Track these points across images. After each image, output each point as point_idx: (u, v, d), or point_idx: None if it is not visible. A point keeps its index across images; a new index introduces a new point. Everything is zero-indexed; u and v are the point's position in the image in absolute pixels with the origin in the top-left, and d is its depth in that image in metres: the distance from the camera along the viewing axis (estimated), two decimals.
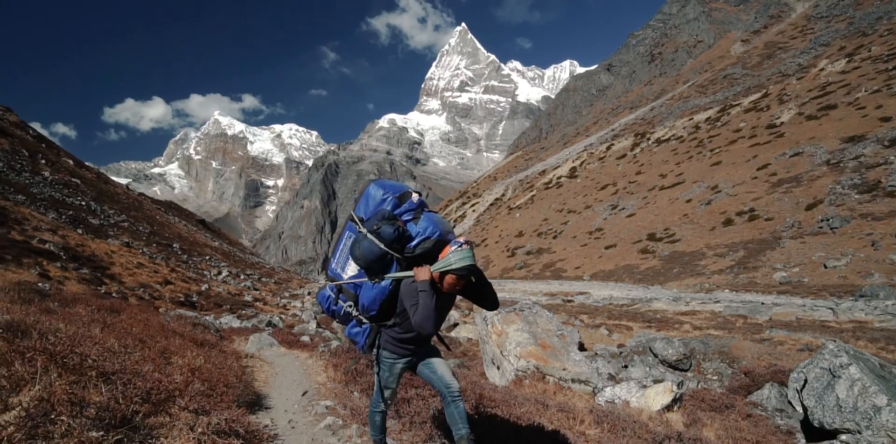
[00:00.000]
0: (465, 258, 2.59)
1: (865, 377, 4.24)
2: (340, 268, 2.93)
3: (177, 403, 2.86)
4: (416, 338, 2.85)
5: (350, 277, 2.88)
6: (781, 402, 5.87)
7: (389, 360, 2.90)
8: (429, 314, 2.56)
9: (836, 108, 47.43)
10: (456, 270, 2.60)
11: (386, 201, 2.80)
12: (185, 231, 43.46)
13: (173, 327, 6.33)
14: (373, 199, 2.83)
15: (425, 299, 2.58)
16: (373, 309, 2.78)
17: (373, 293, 2.74)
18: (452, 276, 2.63)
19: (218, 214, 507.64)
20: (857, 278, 23.96)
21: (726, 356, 8.36)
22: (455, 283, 2.65)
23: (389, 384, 2.98)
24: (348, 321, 2.97)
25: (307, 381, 5.27)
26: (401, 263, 2.73)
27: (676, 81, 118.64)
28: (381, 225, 2.64)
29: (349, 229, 2.88)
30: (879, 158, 34.34)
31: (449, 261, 2.61)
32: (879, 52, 56.59)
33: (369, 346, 2.91)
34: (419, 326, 2.57)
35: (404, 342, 2.85)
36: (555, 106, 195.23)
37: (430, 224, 2.74)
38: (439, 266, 2.64)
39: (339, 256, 2.95)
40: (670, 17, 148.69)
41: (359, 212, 2.87)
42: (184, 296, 16.84)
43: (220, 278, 26.66)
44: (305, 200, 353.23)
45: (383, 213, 2.72)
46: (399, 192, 2.82)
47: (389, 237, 2.63)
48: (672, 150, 64.28)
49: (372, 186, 2.89)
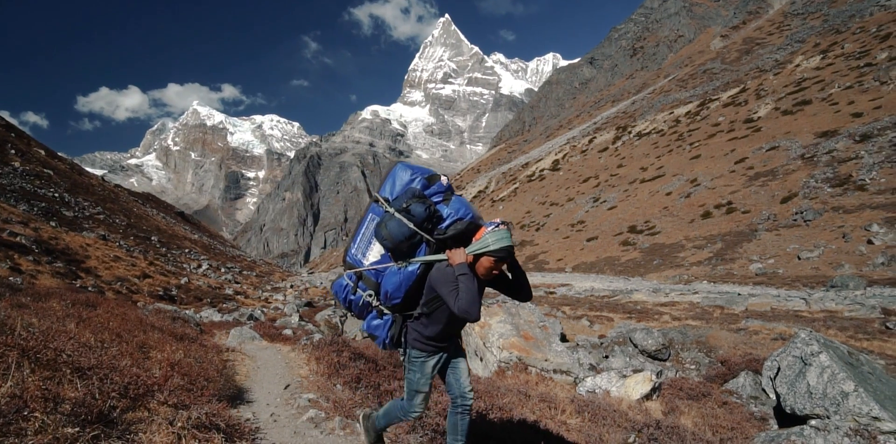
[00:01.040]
0: (502, 239, 2.44)
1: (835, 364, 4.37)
2: (361, 253, 2.70)
3: (156, 397, 2.82)
4: (444, 332, 2.65)
5: (372, 263, 2.66)
6: (756, 390, 6.04)
7: (420, 359, 2.68)
8: (473, 298, 2.36)
9: (811, 103, 48.47)
10: (494, 251, 2.43)
11: (415, 181, 2.64)
12: (164, 224, 42.64)
13: (152, 321, 6.22)
14: (400, 179, 2.66)
15: (467, 282, 2.39)
16: (397, 297, 2.58)
17: (398, 279, 2.54)
18: (490, 258, 2.45)
19: (197, 206, 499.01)
20: (829, 268, 24.68)
21: (704, 346, 8.55)
22: (492, 266, 2.48)
23: (422, 387, 2.71)
24: (367, 313, 2.77)
25: (289, 374, 5.25)
26: (430, 245, 2.56)
27: (657, 74, 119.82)
28: (412, 203, 2.48)
29: (373, 211, 2.68)
30: (851, 152, 35.27)
31: (486, 242, 2.45)
32: (852, 50, 57.88)
33: (391, 339, 2.70)
34: (464, 311, 2.34)
35: (432, 339, 2.65)
36: (538, 99, 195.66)
37: (462, 206, 2.60)
38: (475, 248, 2.47)
39: (360, 240, 2.73)
40: (652, 12, 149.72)
41: (384, 192, 2.69)
42: (163, 290, 16.57)
43: (201, 271, 26.27)
44: (287, 193, 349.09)
45: (413, 191, 2.56)
46: (428, 173, 2.67)
47: (420, 216, 2.46)
48: (653, 143, 65.07)
49: (399, 167, 2.72)
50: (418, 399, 2.72)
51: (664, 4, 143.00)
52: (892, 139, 33.78)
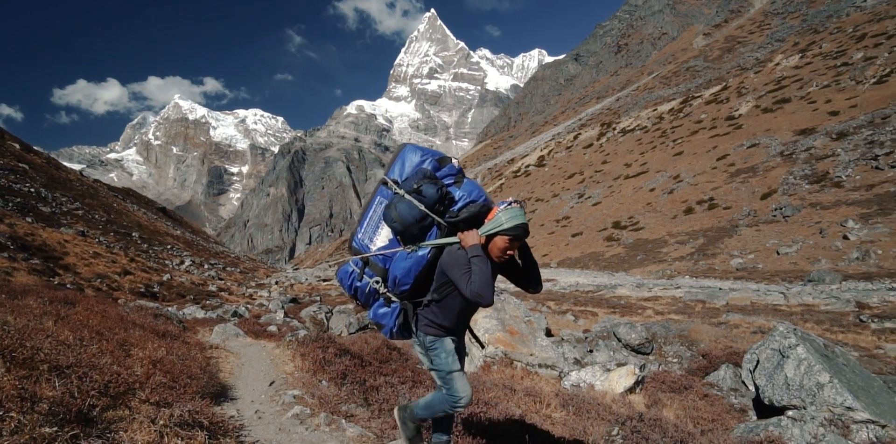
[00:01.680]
0: (516, 216, 2.35)
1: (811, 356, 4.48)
2: (368, 238, 2.60)
3: (137, 395, 2.77)
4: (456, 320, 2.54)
5: (379, 248, 2.56)
6: (736, 382, 6.16)
7: (437, 341, 2.54)
8: (487, 281, 2.27)
9: (790, 101, 49.36)
10: (508, 230, 2.34)
11: (425, 163, 2.55)
12: (145, 219, 41.90)
13: (133, 318, 6.12)
14: (410, 160, 2.56)
15: (480, 264, 2.29)
16: (406, 283, 2.47)
17: (407, 264, 2.44)
18: (504, 238, 2.36)
19: (180, 201, 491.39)
20: (807, 263, 25.24)
21: (686, 340, 8.70)
22: (507, 246, 2.37)
23: (453, 366, 2.52)
24: (373, 301, 2.65)
25: (274, 371, 5.21)
26: (441, 229, 2.46)
27: (641, 72, 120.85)
28: (423, 184, 2.38)
29: (381, 194, 2.58)
30: (828, 150, 36.04)
31: (499, 221, 2.36)
32: (829, 49, 59.03)
33: (399, 328, 2.60)
34: (477, 295, 2.24)
35: (444, 324, 2.53)
36: (523, 95, 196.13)
37: (474, 188, 2.51)
38: (488, 228, 2.38)
39: (366, 224, 2.62)
40: (636, 9, 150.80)
41: (392, 174, 2.58)
42: (144, 286, 16.30)
43: (183, 267, 25.90)
44: (271, 188, 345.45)
45: (425, 172, 2.46)
46: (438, 155, 2.58)
47: (432, 197, 2.37)
48: (637, 140, 65.71)
49: (408, 148, 2.62)
50: (458, 382, 2.51)
51: (648, 2, 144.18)
52: (867, 137, 34.59)
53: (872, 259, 23.23)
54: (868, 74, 45.62)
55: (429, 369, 2.61)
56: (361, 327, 10.04)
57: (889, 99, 38.76)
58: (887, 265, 22.37)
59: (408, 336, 2.64)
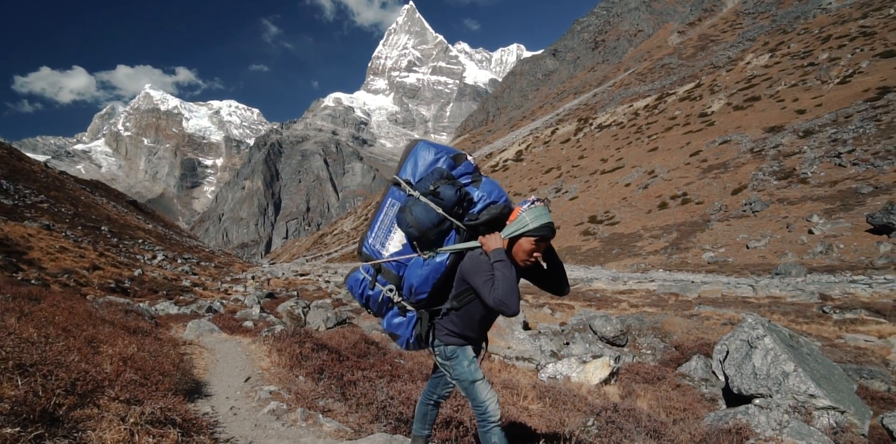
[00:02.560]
0: (541, 216, 2.20)
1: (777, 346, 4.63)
2: (380, 244, 2.43)
3: (106, 393, 2.70)
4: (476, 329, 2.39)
5: (392, 253, 2.39)
6: (707, 372, 6.34)
7: (458, 349, 2.39)
8: (512, 288, 2.11)
9: (760, 99, 50.67)
10: (534, 230, 2.18)
11: (440, 161, 2.37)
12: (115, 213, 40.70)
13: (102, 314, 5.95)
14: (423, 159, 2.39)
15: (504, 270, 2.13)
16: (423, 291, 2.31)
17: (425, 271, 2.27)
18: (530, 239, 2.20)
19: (151, 194, 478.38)
20: (774, 257, 26.06)
21: (659, 332, 8.89)
22: (533, 248, 2.21)
23: (476, 374, 2.36)
24: (386, 310, 2.47)
25: (250, 367, 5.14)
26: (460, 232, 2.30)
27: (618, 68, 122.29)
28: (440, 185, 2.21)
29: (392, 196, 2.40)
30: (795, 147, 37.17)
31: (523, 221, 2.20)
32: (797, 49, 60.72)
33: (416, 339, 2.44)
34: (500, 302, 2.08)
35: (464, 333, 2.38)
36: (502, 89, 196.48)
37: (494, 188, 2.34)
38: (512, 229, 2.22)
39: (377, 229, 2.45)
40: (613, 6, 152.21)
41: (405, 174, 2.40)
42: (114, 282, 15.86)
43: (155, 262, 25.28)
44: (247, 181, 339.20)
45: (441, 172, 2.28)
46: (453, 152, 2.41)
47: (450, 200, 2.20)
48: (613, 135, 66.59)
49: (421, 146, 2.44)
50: (483, 390, 2.35)
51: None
52: (831, 135, 35.78)
53: (835, 253, 24.12)
54: (832, 74, 47.11)
55: (450, 378, 2.44)
56: (339, 322, 9.98)
57: (851, 99, 40.13)
58: (848, 259, 23.25)
59: (424, 346, 2.49)
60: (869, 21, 57.03)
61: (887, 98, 36.96)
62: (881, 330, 10.80)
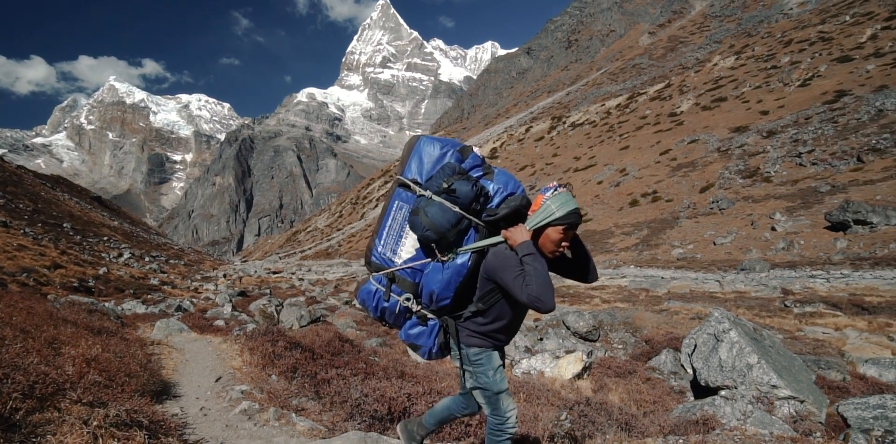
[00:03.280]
0: (567, 202, 2.04)
1: (742, 339, 4.79)
2: (391, 251, 2.24)
3: (68, 396, 2.60)
4: (504, 329, 2.23)
5: (406, 260, 2.21)
6: (676, 365, 6.51)
7: (483, 354, 2.23)
8: (546, 282, 1.96)
9: (726, 100, 52.17)
10: (561, 218, 2.03)
11: (447, 156, 2.21)
12: (78, 209, 39.22)
13: (64, 314, 5.74)
14: (428, 155, 2.22)
15: (535, 263, 1.98)
16: (446, 297, 2.14)
17: (446, 275, 2.11)
18: (557, 228, 2.05)
19: (117, 190, 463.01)
20: (740, 253, 26.92)
21: (630, 327, 9.08)
22: (561, 237, 2.07)
23: (501, 385, 2.23)
24: (403, 321, 2.29)
25: (221, 366, 5.03)
26: (479, 230, 2.14)
27: (591, 67, 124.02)
28: (454, 181, 2.05)
29: (399, 198, 2.23)
30: (759, 147, 38.44)
31: (549, 210, 2.04)
32: (761, 52, 62.74)
33: (440, 348, 2.28)
34: (535, 299, 1.92)
35: (492, 335, 2.23)
36: (476, 87, 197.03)
37: (509, 178, 2.20)
38: (538, 219, 2.06)
39: (386, 235, 2.25)
40: (586, 5, 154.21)
41: (410, 173, 2.22)
42: (78, 281, 15.30)
43: (122, 260, 24.50)
44: (217, 177, 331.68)
45: (453, 167, 2.12)
46: (458, 145, 2.26)
47: (467, 196, 2.05)
48: (586, 133, 67.56)
49: (424, 141, 2.27)
50: (506, 402, 2.24)
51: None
52: (793, 136, 37.13)
53: (796, 249, 25.07)
54: (794, 77, 48.86)
55: (472, 387, 2.28)
56: (313, 320, 9.87)
57: (811, 101, 41.71)
58: (808, 255, 24.21)
59: (448, 354, 2.35)
60: (827, 27, 59.32)
61: (843, 101, 38.54)
62: (837, 323, 11.30)
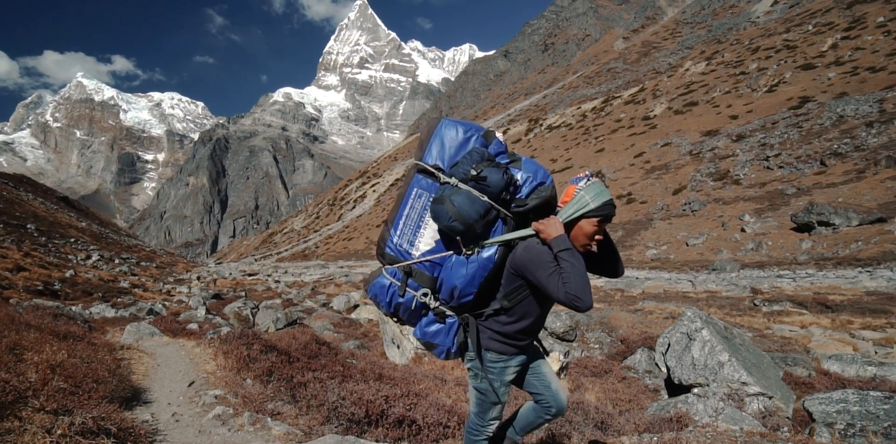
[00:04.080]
0: (601, 193, 1.95)
1: (714, 338, 4.91)
2: (408, 243, 2.05)
3: (30, 404, 2.50)
4: (529, 328, 2.09)
5: (424, 253, 2.03)
6: (650, 364, 6.63)
7: (499, 364, 2.11)
8: (584, 279, 1.83)
9: (698, 105, 53.52)
10: (596, 209, 1.93)
11: (471, 141, 2.03)
12: (43, 210, 37.84)
13: (28, 319, 5.52)
14: (451, 139, 2.04)
15: (572, 259, 1.85)
16: (469, 293, 1.97)
17: (471, 270, 1.94)
18: (592, 220, 1.94)
19: (85, 190, 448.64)
20: (711, 254, 27.61)
21: (606, 326, 9.21)
22: (596, 230, 1.96)
23: (502, 397, 2.15)
24: (418, 318, 2.13)
25: (194, 371, 4.92)
26: (507, 222, 1.98)
27: (567, 71, 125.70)
28: (483, 169, 1.87)
29: (418, 185, 2.04)
30: (729, 150, 39.53)
31: (583, 201, 1.94)
32: (730, 59, 64.61)
33: (459, 348, 2.12)
34: (574, 297, 1.79)
35: (516, 336, 2.08)
36: (454, 88, 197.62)
37: (538, 167, 2.04)
38: (572, 210, 1.96)
39: (402, 225, 2.06)
40: (562, 10, 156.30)
41: (429, 159, 2.03)
42: (43, 284, 14.75)
43: (90, 262, 23.74)
44: (191, 177, 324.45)
45: (481, 153, 1.94)
46: (482, 130, 2.08)
47: (497, 185, 1.87)
48: (562, 136, 68.41)
49: (445, 124, 2.08)
50: (495, 412, 2.18)
51: (573, 4, 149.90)
52: (761, 140, 38.31)
53: (764, 249, 25.84)
54: (761, 83, 50.44)
55: (473, 386, 2.20)
56: (290, 323, 9.73)
57: (777, 106, 43.13)
58: (776, 255, 24.98)
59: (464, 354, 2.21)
60: (791, 35, 61.44)
61: (807, 107, 39.96)
62: (803, 321, 11.68)
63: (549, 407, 2.26)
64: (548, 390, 2.23)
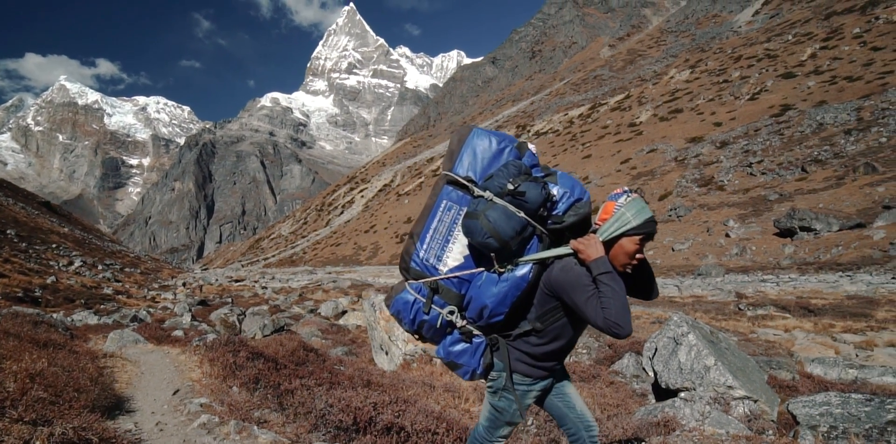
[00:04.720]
0: (643, 210, 1.83)
1: (700, 342, 4.96)
2: (435, 258, 1.94)
3: (8, 415, 2.45)
4: (560, 351, 2.00)
5: (452, 269, 1.92)
6: (638, 369, 6.67)
7: (523, 386, 2.02)
8: (625, 305, 1.73)
9: (682, 112, 54.36)
10: (639, 227, 1.81)
11: (505, 152, 1.93)
12: (23, 215, 37.10)
13: (6, 327, 5.40)
14: (484, 150, 1.93)
15: (613, 283, 1.75)
16: (500, 313, 1.88)
17: (502, 289, 1.84)
18: (633, 239, 1.83)
19: (67, 195, 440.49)
20: (697, 259, 27.93)
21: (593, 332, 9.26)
22: (637, 249, 1.84)
23: (516, 418, 2.07)
24: (443, 336, 2.03)
25: (179, 378, 4.84)
26: (542, 239, 1.88)
27: (554, 77, 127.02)
28: (521, 183, 1.77)
29: (448, 197, 1.92)
30: (713, 157, 40.16)
31: (624, 218, 1.82)
32: (713, 67, 65.83)
33: (485, 369, 2.02)
34: (614, 324, 1.70)
35: (545, 358, 1.99)
36: (442, 95, 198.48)
37: (575, 183, 1.93)
38: (612, 228, 1.84)
39: (430, 239, 1.95)
40: (549, 18, 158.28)
41: (460, 170, 1.93)
42: (22, 291, 14.45)
43: (72, 268, 23.30)
44: (177, 182, 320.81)
45: (518, 166, 1.83)
46: (516, 141, 1.97)
47: (535, 201, 1.77)
48: (549, 142, 68.95)
49: (476, 133, 1.97)
50: (505, 431, 2.12)
51: (560, 12, 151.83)
52: (744, 147, 38.98)
53: (748, 254, 26.22)
54: (743, 91, 51.41)
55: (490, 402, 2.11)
56: (277, 329, 9.63)
57: (760, 114, 43.98)
58: (759, 260, 25.35)
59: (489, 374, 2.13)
60: (772, 45, 62.83)
61: (788, 115, 40.81)
62: (786, 324, 11.86)
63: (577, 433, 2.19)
64: (572, 411, 2.16)
